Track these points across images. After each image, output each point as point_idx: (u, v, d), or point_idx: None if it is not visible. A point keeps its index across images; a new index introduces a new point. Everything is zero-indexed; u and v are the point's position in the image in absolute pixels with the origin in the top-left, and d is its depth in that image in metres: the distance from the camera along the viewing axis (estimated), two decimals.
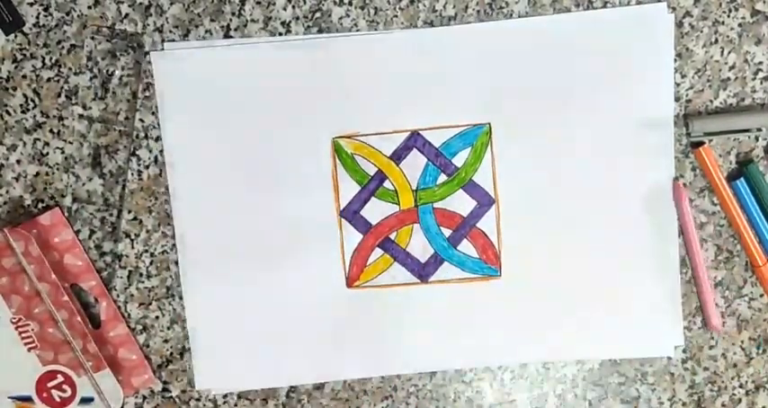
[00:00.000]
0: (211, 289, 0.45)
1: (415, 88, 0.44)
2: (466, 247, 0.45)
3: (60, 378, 0.45)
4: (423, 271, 0.45)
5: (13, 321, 0.44)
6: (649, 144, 0.44)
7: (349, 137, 0.44)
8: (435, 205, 0.45)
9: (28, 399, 0.45)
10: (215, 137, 0.44)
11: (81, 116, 0.44)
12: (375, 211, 0.45)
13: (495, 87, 0.44)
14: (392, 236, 0.45)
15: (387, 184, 0.45)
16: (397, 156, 0.45)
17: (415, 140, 0.44)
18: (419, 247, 0.45)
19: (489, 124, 0.44)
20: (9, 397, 0.44)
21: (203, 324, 0.45)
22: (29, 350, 0.44)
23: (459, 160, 0.45)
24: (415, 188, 0.45)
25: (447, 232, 0.45)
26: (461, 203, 0.45)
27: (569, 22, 0.43)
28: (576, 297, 0.45)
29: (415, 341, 0.46)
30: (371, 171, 0.45)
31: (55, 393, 0.45)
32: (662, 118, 0.44)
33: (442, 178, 0.45)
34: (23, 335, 0.44)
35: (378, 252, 0.45)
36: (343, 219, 0.45)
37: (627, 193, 0.44)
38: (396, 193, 0.45)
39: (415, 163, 0.45)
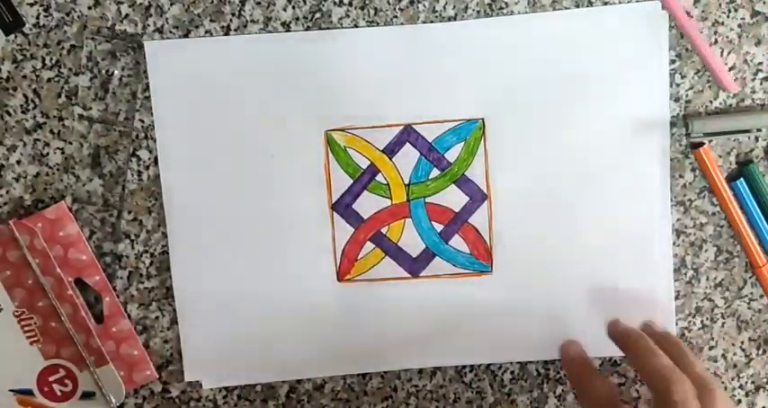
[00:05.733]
0: (201, 281, 0.45)
1: (408, 82, 0.44)
2: (457, 242, 0.45)
3: (62, 372, 0.45)
4: (414, 266, 0.45)
5: (16, 314, 0.44)
6: (644, 141, 0.44)
7: (342, 130, 0.44)
8: (427, 199, 0.45)
9: (29, 392, 0.45)
10: (207, 129, 0.44)
11: (81, 116, 0.44)
12: (367, 205, 0.45)
13: (489, 83, 0.44)
14: (384, 230, 0.45)
15: (379, 178, 0.45)
16: (390, 150, 0.44)
17: (408, 134, 0.44)
18: (411, 242, 0.45)
19: (483, 119, 0.44)
20: (10, 390, 0.44)
21: (193, 316, 0.45)
22: (31, 343, 0.44)
23: (451, 155, 0.45)
24: (407, 182, 0.45)
25: (439, 227, 0.45)
26: (453, 198, 0.45)
27: (564, 19, 0.43)
28: (567, 294, 0.45)
29: (406, 336, 0.45)
30: (364, 164, 0.45)
31: (56, 387, 0.45)
32: (657, 115, 0.44)
33: (435, 172, 0.45)
34: (26, 328, 0.44)
35: (369, 246, 0.45)
36: (334, 212, 0.45)
37: (621, 191, 0.44)
38: (388, 187, 0.45)
39: (408, 157, 0.44)
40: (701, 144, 0.44)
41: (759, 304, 0.47)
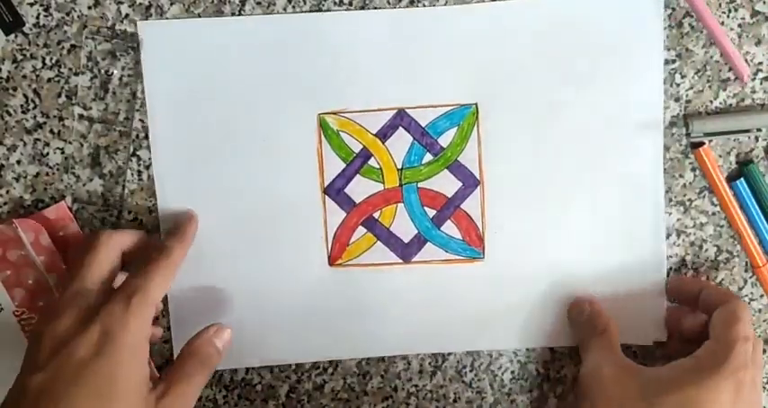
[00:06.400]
0: (193, 265, 0.45)
1: (402, 66, 0.44)
2: (449, 228, 0.45)
3: None
4: (405, 251, 0.45)
5: (16, 314, 0.44)
6: (637, 128, 0.44)
7: (335, 114, 0.44)
8: (420, 184, 0.45)
9: None
10: (200, 111, 0.44)
11: (81, 116, 0.44)
12: (359, 189, 0.45)
13: (483, 68, 0.44)
14: (376, 215, 0.45)
15: (372, 162, 0.45)
16: (383, 134, 0.44)
17: (401, 118, 0.44)
18: (403, 227, 0.45)
19: (476, 105, 0.44)
20: None
21: (183, 299, 0.45)
22: None
23: (445, 140, 0.44)
24: (400, 167, 0.45)
25: (431, 212, 0.45)
26: (446, 183, 0.45)
27: (562, 6, 0.43)
28: (559, 284, 0.45)
29: (397, 322, 0.45)
30: (357, 148, 0.44)
31: None
32: (651, 103, 0.44)
33: (428, 157, 0.45)
34: (26, 328, 0.44)
35: (361, 230, 0.45)
36: (326, 196, 0.45)
37: (614, 179, 0.44)
38: (381, 171, 0.45)
39: (401, 141, 0.44)
40: (701, 144, 0.44)
41: (759, 304, 0.46)
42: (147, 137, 0.44)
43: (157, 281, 0.38)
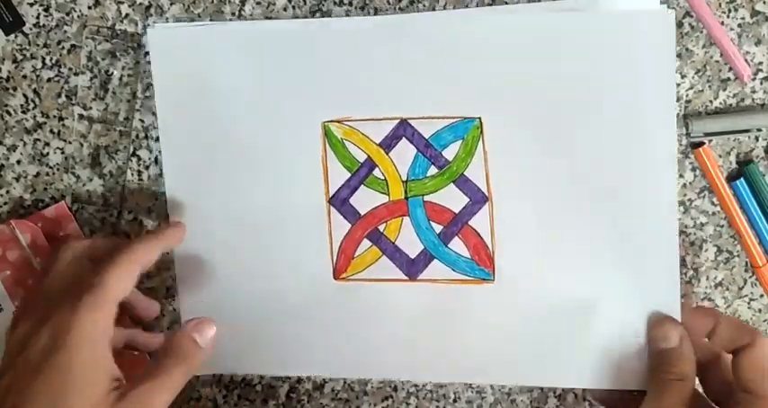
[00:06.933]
0: (196, 275, 0.44)
1: (404, 75, 0.42)
2: (457, 246, 0.43)
3: None
4: (412, 268, 0.44)
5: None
6: (648, 143, 0.42)
7: (339, 122, 0.43)
8: (426, 198, 0.43)
9: None
10: (205, 120, 0.43)
11: (81, 116, 0.44)
12: (364, 200, 0.44)
13: (487, 81, 0.42)
14: (381, 228, 0.44)
15: (376, 172, 0.44)
16: (387, 144, 0.43)
17: (403, 129, 0.43)
18: (408, 241, 0.43)
19: (480, 118, 0.42)
20: None
21: (188, 309, 0.45)
22: None
23: (449, 153, 0.43)
24: (404, 179, 0.43)
25: (438, 227, 0.43)
26: (453, 198, 0.43)
27: (566, 18, 0.42)
28: (575, 312, 0.42)
29: (399, 342, 0.44)
30: (361, 158, 0.44)
31: None
32: (663, 117, 0.42)
33: (433, 170, 0.43)
34: None
35: (366, 243, 0.44)
36: (331, 207, 0.44)
37: (627, 194, 0.42)
38: (386, 182, 0.44)
39: (405, 152, 0.43)
40: (701, 144, 0.44)
41: (759, 304, 0.47)
42: (147, 137, 0.44)
43: (114, 278, 0.37)
